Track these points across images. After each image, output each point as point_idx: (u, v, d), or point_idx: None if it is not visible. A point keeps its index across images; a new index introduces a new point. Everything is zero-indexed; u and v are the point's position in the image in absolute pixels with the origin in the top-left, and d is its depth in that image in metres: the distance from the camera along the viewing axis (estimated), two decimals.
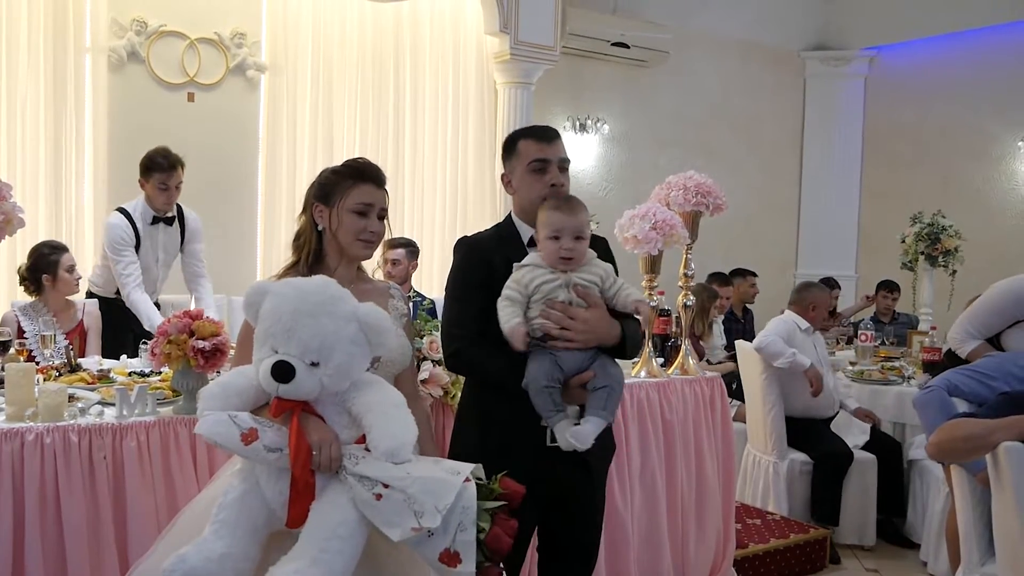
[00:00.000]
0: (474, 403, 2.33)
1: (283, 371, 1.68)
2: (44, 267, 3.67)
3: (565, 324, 2.08)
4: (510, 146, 2.33)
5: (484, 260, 2.23)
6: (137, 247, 4.04)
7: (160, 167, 3.93)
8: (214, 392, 1.76)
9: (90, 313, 3.86)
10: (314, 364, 1.70)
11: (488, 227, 2.43)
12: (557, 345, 2.09)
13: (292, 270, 2.05)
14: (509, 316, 2.09)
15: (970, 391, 2.81)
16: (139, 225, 4.04)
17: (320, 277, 1.84)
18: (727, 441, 3.52)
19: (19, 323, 3.60)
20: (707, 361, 5.06)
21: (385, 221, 2.08)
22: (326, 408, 1.76)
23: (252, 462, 1.74)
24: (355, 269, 2.10)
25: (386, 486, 1.63)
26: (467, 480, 1.67)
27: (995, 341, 3.30)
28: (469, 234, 2.41)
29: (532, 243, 2.26)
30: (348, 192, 2.02)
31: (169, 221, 4.12)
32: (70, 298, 3.80)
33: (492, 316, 2.14)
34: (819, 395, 4.18)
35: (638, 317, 2.23)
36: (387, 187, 2.10)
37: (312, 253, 2.05)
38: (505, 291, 2.13)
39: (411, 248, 4.85)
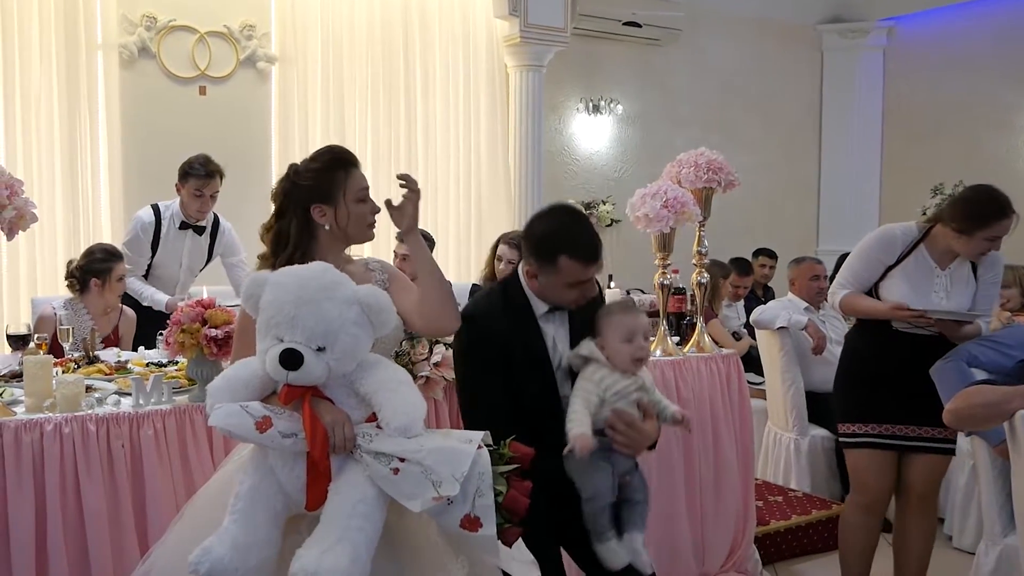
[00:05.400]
0: None
1: (292, 358, 1.70)
2: (96, 272, 3.66)
3: (631, 436, 2.15)
4: (548, 256, 2.17)
5: (499, 337, 2.19)
6: (155, 244, 4.07)
7: (197, 174, 3.95)
8: (220, 386, 1.79)
9: (127, 318, 3.88)
10: (320, 349, 1.72)
11: (493, 286, 2.38)
12: (617, 439, 2.15)
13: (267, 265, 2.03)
14: (579, 422, 2.11)
15: (988, 361, 2.77)
16: (165, 225, 4.07)
17: (318, 263, 1.85)
18: (744, 418, 3.50)
19: (58, 320, 3.60)
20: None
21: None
22: (334, 391, 1.79)
23: (265, 449, 1.76)
24: (341, 256, 2.09)
25: (402, 460, 1.66)
26: (479, 447, 1.70)
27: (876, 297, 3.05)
28: (473, 308, 2.31)
29: (549, 312, 2.25)
30: (346, 183, 2.01)
31: (199, 230, 4.14)
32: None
33: (519, 392, 2.17)
34: (821, 352, 4.22)
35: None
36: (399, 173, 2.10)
37: (301, 254, 2.01)
38: (579, 390, 2.16)
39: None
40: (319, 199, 2.02)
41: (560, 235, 2.18)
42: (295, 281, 1.77)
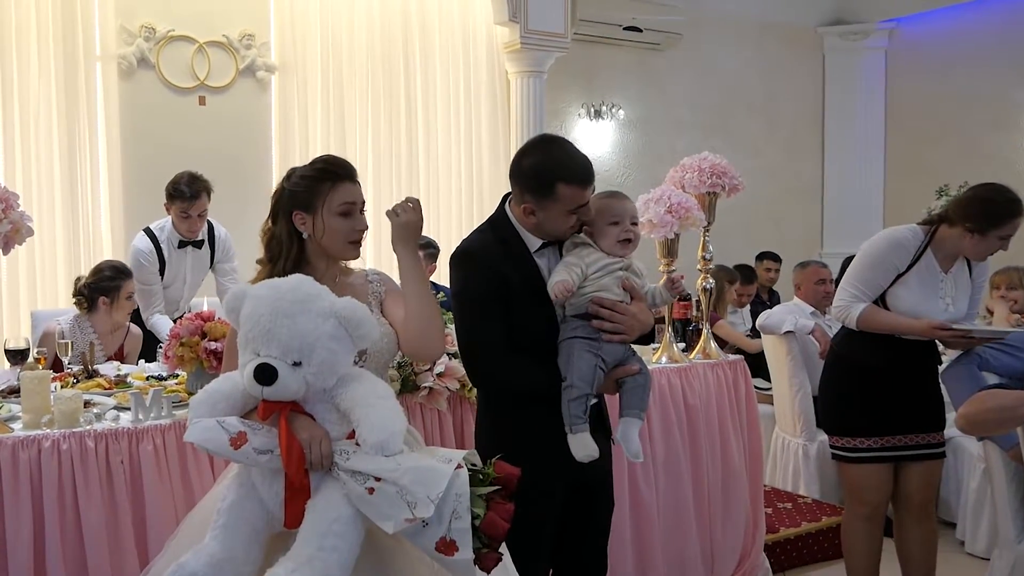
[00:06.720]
0: (496, 411, 2.29)
1: (265, 373, 1.67)
2: (105, 290, 3.62)
3: (616, 320, 2.13)
4: (545, 187, 2.13)
5: (496, 272, 2.15)
6: (162, 269, 4.02)
7: (183, 195, 3.85)
8: (201, 399, 1.76)
9: (133, 336, 3.84)
10: (296, 364, 1.69)
11: (482, 226, 2.30)
12: (604, 326, 2.13)
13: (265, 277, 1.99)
14: (560, 276, 2.13)
15: (1000, 364, 2.74)
16: (165, 248, 4.00)
17: (296, 276, 1.82)
18: (752, 424, 3.46)
19: (58, 334, 3.55)
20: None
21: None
22: (315, 406, 1.75)
23: (246, 466, 1.73)
24: (338, 266, 2.07)
25: (378, 479, 1.62)
26: (459, 467, 1.64)
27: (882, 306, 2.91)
28: (467, 246, 2.26)
29: (542, 247, 2.22)
30: (329, 195, 1.98)
31: (198, 244, 4.08)
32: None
33: (514, 329, 2.14)
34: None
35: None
36: (400, 182, 2.07)
37: (292, 261, 1.99)
38: (561, 264, 2.17)
39: (430, 250, 4.63)
40: (300, 206, 1.99)
41: (552, 164, 2.14)
42: (271, 294, 1.74)
